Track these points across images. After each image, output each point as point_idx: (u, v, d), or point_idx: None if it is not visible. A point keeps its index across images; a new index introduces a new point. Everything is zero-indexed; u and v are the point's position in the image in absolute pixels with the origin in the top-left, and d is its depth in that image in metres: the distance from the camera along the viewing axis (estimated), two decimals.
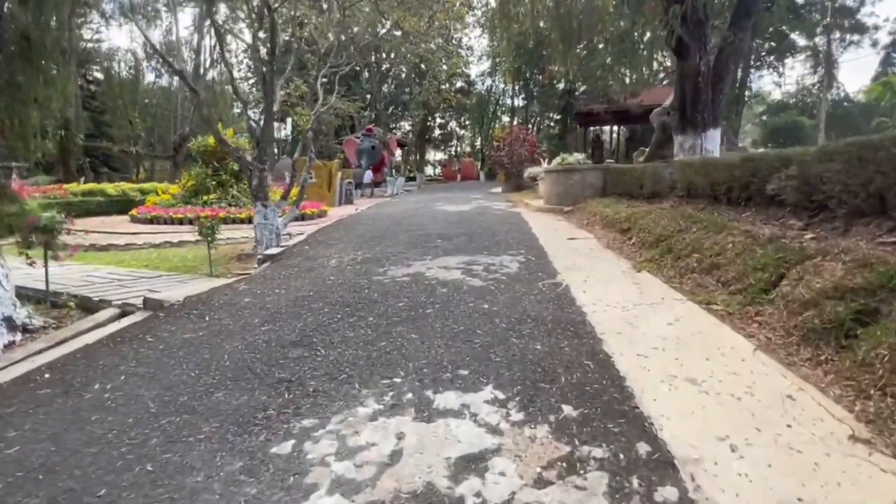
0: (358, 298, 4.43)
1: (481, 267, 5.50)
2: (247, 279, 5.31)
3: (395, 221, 9.41)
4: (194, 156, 14.04)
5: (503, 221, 9.16)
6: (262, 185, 8.56)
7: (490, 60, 38.44)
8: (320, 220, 13.54)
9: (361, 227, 8.74)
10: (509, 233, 7.81)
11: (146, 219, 12.28)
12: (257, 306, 4.30)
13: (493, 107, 43.17)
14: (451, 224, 8.88)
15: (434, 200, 14.77)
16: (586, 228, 8.00)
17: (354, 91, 32.26)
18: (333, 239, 7.68)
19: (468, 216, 10.08)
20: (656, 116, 9.80)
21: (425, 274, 5.24)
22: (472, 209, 11.57)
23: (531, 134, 20.09)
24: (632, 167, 8.70)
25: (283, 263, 6.10)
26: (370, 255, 6.29)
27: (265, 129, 8.66)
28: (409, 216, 10.28)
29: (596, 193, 9.88)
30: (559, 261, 5.75)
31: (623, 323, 3.65)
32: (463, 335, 3.48)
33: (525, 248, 6.55)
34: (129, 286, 5.75)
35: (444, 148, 49.29)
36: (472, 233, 7.81)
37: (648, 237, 5.98)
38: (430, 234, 7.76)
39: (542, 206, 10.90)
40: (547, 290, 4.58)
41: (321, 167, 18.35)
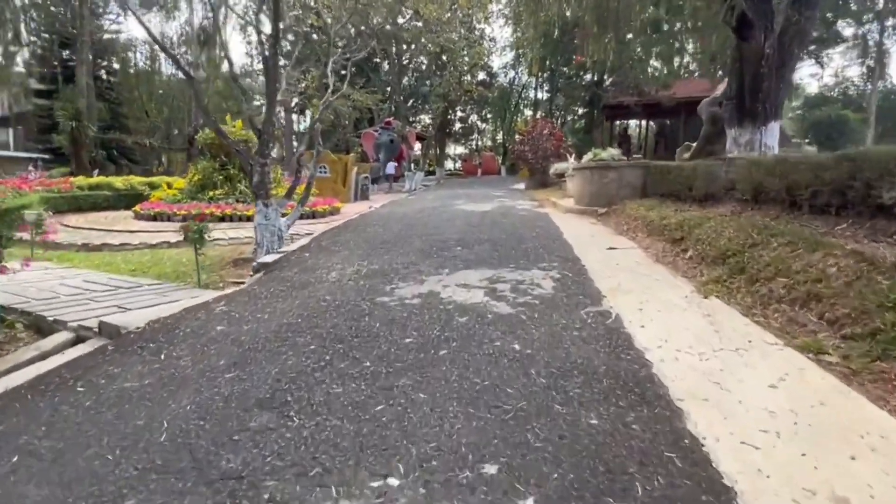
0: (355, 330, 3.54)
1: (508, 286, 4.56)
2: (227, 298, 4.47)
3: (409, 223, 8.51)
4: (201, 149, 13.35)
5: (530, 225, 8.19)
6: (264, 182, 7.76)
7: (513, 52, 37.23)
8: (332, 217, 12.76)
9: (372, 230, 7.86)
10: (538, 239, 6.84)
11: (149, 215, 11.64)
12: (229, 339, 3.44)
13: (515, 100, 41.93)
14: (471, 227, 7.95)
15: (453, 198, 13.83)
16: (627, 235, 6.98)
17: (374, 83, 31.43)
18: (339, 244, 6.83)
19: (491, 217, 9.13)
20: (706, 107, 8.68)
21: (440, 295, 4.32)
22: (494, 209, 10.60)
23: (557, 128, 18.95)
24: (679, 165, 7.63)
25: (276, 276, 5.25)
26: (377, 266, 5.40)
27: (267, 120, 7.85)
28: (425, 217, 9.37)
29: (634, 194, 8.82)
30: (602, 279, 4.77)
31: (706, 381, 2.69)
32: (488, 396, 2.56)
33: (558, 260, 5.58)
34: (100, 299, 4.97)
35: (465, 142, 48.31)
36: (495, 239, 6.86)
37: (710, 251, 4.96)
38: (447, 239, 6.84)
39: (573, 207, 9.87)
40: (593, 321, 3.63)
41: (336, 161, 17.59)
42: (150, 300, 4.96)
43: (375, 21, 30.13)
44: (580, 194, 9.93)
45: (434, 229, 7.74)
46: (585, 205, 9.54)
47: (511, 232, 7.45)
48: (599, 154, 10.61)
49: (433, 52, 24.96)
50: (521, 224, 8.24)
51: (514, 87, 41.84)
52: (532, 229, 7.70)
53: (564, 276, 4.88)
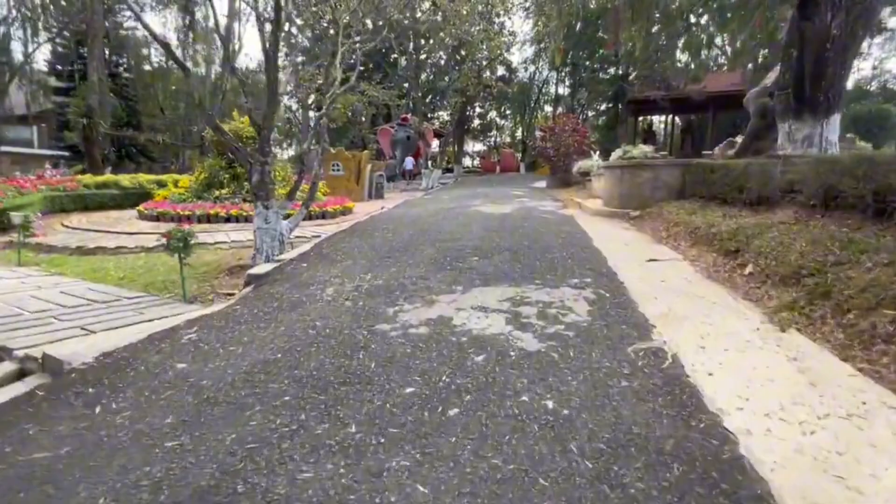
0: (344, 372, 2.83)
1: (534, 310, 3.80)
2: (202, 322, 3.80)
3: (422, 227, 7.79)
4: (208, 146, 12.83)
5: (555, 229, 7.39)
6: (264, 182, 7.12)
7: (533, 47, 36.22)
8: (343, 218, 12.14)
9: (380, 235, 7.16)
10: (566, 247, 6.05)
11: (152, 215, 11.15)
12: (187, 384, 2.77)
13: (535, 95, 40.89)
14: (490, 232, 7.19)
15: (471, 197, 13.07)
16: (667, 244, 6.14)
17: (391, 79, 30.81)
18: (342, 251, 6.14)
19: (511, 221, 8.35)
20: (753, 99, 7.76)
21: (453, 321, 3.59)
22: (515, 210, 9.81)
23: (581, 123, 18.00)
24: (725, 164, 6.75)
25: (266, 292, 4.57)
26: (381, 281, 4.69)
27: (268, 115, 7.20)
28: (440, 219, 8.63)
29: (671, 195, 7.95)
30: (647, 300, 3.98)
31: (823, 474, 1.90)
32: (516, 490, 1.83)
33: (591, 275, 4.80)
34: (67, 318, 4.37)
35: (484, 138, 47.47)
36: (517, 247, 6.09)
37: (777, 267, 4.12)
38: (463, 247, 6.09)
39: (601, 209, 9.03)
40: (645, 364, 2.86)
41: (349, 159, 16.98)
42: (121, 319, 4.33)
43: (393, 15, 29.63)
44: (609, 195, 9.08)
45: (448, 234, 7.00)
46: (616, 207, 8.69)
47: (534, 238, 6.67)
48: (630, 151, 9.75)
49: (451, 45, 24.12)
50: (544, 229, 7.45)
51: (535, 82, 40.81)
52: (557, 235, 6.90)
53: (601, 297, 4.10)
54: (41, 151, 37.46)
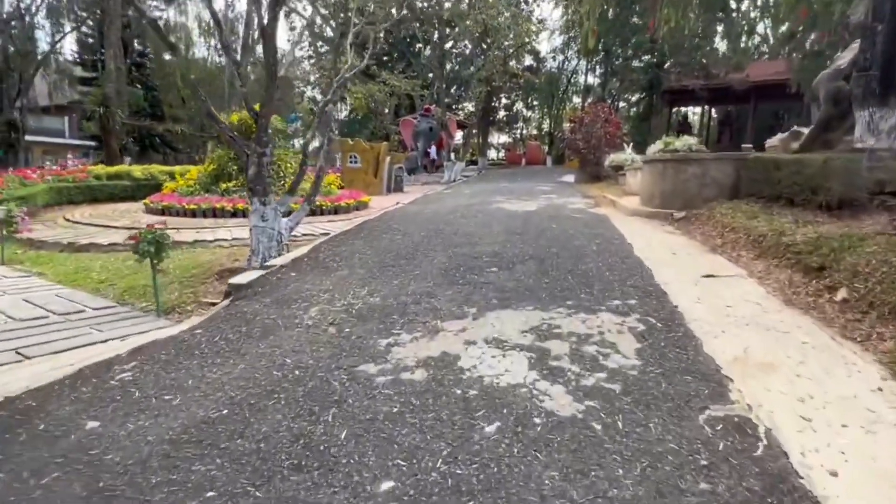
0: (303, 446, 2.03)
1: (566, 347, 2.94)
2: (146, 353, 3.06)
3: (436, 227, 6.96)
4: (218, 136, 12.26)
5: (588, 232, 6.46)
6: (261, 176, 6.40)
7: (562, 36, 34.78)
8: (357, 213, 11.41)
9: (388, 237, 6.36)
10: (601, 256, 5.14)
11: (158, 209, 10.63)
12: (85, 459, 2.01)
13: (564, 86, 39.41)
14: (512, 235, 6.31)
15: (494, 193, 12.16)
16: (724, 254, 5.16)
17: (414, 68, 29.95)
18: (342, 256, 5.36)
19: (537, 220, 7.45)
20: (825, 83, 6.64)
21: (460, 362, 2.76)
22: (541, 208, 8.88)
23: (615, 114, 16.84)
24: (797, 158, 5.69)
25: (240, 309, 3.82)
26: (378, 298, 3.89)
27: (266, 100, 6.47)
28: (457, 217, 7.79)
29: (722, 194, 6.92)
30: (712, 335, 3.08)
31: None
32: None
33: (636, 294, 3.90)
34: (4, 338, 3.71)
35: (509, 130, 46.26)
36: (543, 254, 5.20)
37: (887, 295, 3.15)
38: (480, 253, 5.25)
39: (639, 209, 8.03)
40: (729, 450, 1.98)
41: (367, 150, 16.24)
42: (68, 340, 3.65)
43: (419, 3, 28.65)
44: (649, 192, 8.07)
45: (465, 237, 6.15)
46: (656, 206, 7.69)
47: (564, 243, 5.77)
48: (672, 143, 8.69)
49: (478, 31, 23.06)
50: (575, 231, 6.53)
51: (563, 72, 39.30)
52: (591, 240, 5.98)
53: (651, 329, 3.21)
54: (71, 141, 38.03)
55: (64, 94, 27.34)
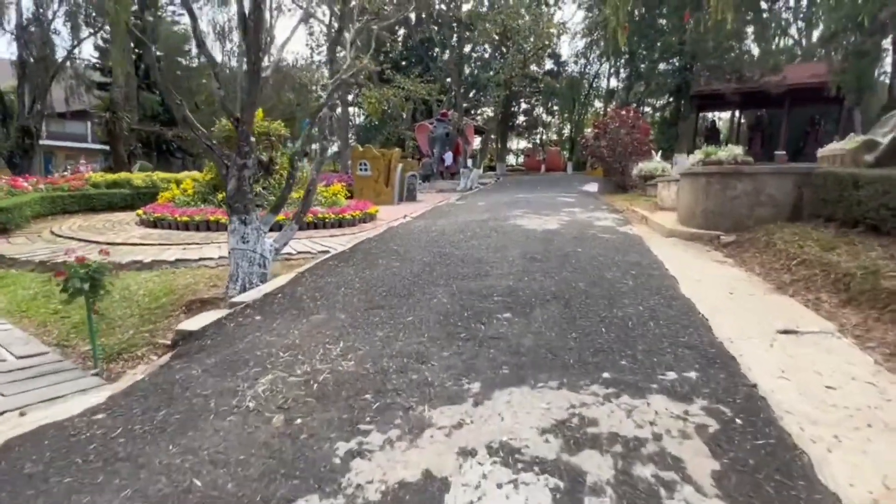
0: None
1: (608, 466, 1.97)
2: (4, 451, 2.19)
3: (441, 250, 6.03)
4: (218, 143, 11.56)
5: (621, 260, 5.46)
6: (241, 191, 5.60)
7: (584, 39, 33.70)
8: (363, 226, 10.59)
9: (384, 263, 5.45)
10: (642, 295, 4.15)
11: (150, 221, 9.94)
12: None
13: (585, 91, 38.25)
14: (530, 261, 5.36)
15: (511, 205, 11.20)
16: (796, 294, 4.12)
17: (432, 72, 29.18)
18: (324, 291, 4.46)
19: (560, 242, 6.47)
20: None
21: (451, 492, 1.83)
22: (563, 226, 7.89)
23: (643, 118, 15.72)
24: (885, 175, 4.62)
25: (169, 378, 2.92)
26: (352, 362, 2.96)
27: (247, 103, 5.68)
28: (467, 238, 6.86)
29: (779, 215, 5.87)
30: (827, 447, 2.08)
31: None
32: None
33: (695, 359, 2.92)
34: None
35: (529, 136, 45.25)
36: (569, 292, 4.24)
37: None
38: (491, 289, 4.31)
39: (677, 229, 6.98)
40: None
41: (378, 157, 15.42)
42: None
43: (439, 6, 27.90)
44: (689, 210, 7.03)
45: (474, 266, 5.21)
46: (698, 226, 6.65)
47: (593, 275, 4.79)
48: (715, 153, 7.65)
49: (496, 33, 22.15)
50: (606, 258, 5.53)
51: (585, 76, 38.16)
52: (625, 270, 4.99)
53: (728, 429, 2.22)
54: (94, 146, 38.27)
55: (81, 99, 27.29)
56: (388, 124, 27.11)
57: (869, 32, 19.88)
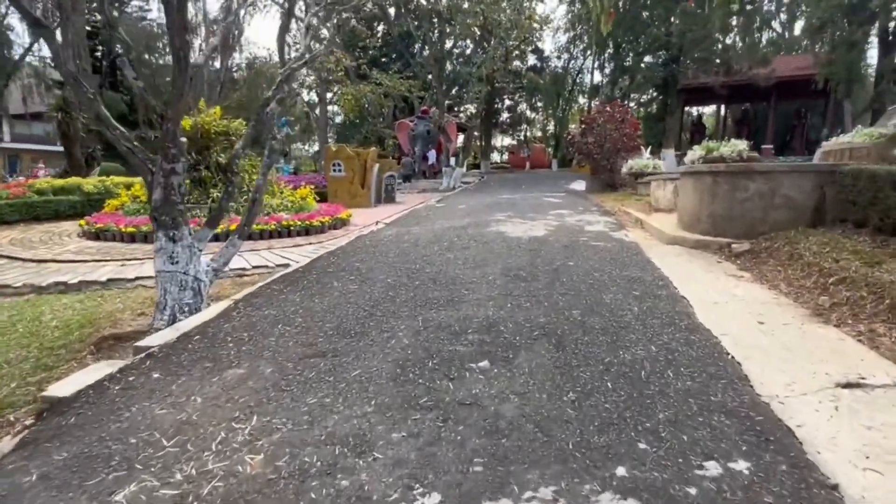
0: None
1: None
2: None
3: (411, 266, 5.16)
4: None
5: (620, 276, 4.64)
6: (170, 201, 4.69)
7: (567, 34, 32.99)
8: (334, 233, 9.70)
9: (341, 287, 4.55)
10: (650, 325, 3.33)
11: (92, 232, 8.90)
12: None
13: (569, 86, 37.58)
14: (514, 282, 4.51)
15: (494, 207, 10.37)
16: (842, 323, 3.32)
17: (412, 68, 28.22)
18: (256, 330, 3.55)
19: (548, 254, 5.64)
20: None
21: None
22: (551, 232, 7.07)
23: (631, 113, 14.98)
24: None
25: (18, 470, 2.03)
26: (264, 449, 2.08)
27: (173, 96, 4.75)
28: (443, 249, 5.99)
29: (800, 219, 5.11)
30: None
31: None
32: None
33: (740, 438, 2.09)
34: None
35: (513, 132, 44.54)
36: (561, 323, 3.40)
37: None
38: (465, 322, 3.45)
39: (679, 235, 6.19)
40: None
41: (352, 157, 14.49)
42: None
43: None
44: (692, 214, 6.24)
45: (447, 287, 4.36)
46: (703, 232, 5.87)
47: (589, 299, 3.96)
48: (717, 149, 6.90)
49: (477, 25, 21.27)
50: (602, 274, 4.71)
51: (569, 71, 37.48)
52: (627, 290, 4.17)
53: None
54: (59, 149, 36.60)
55: (39, 100, 25.84)
56: (366, 122, 26.08)
57: (858, 22, 19.46)
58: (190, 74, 4.95)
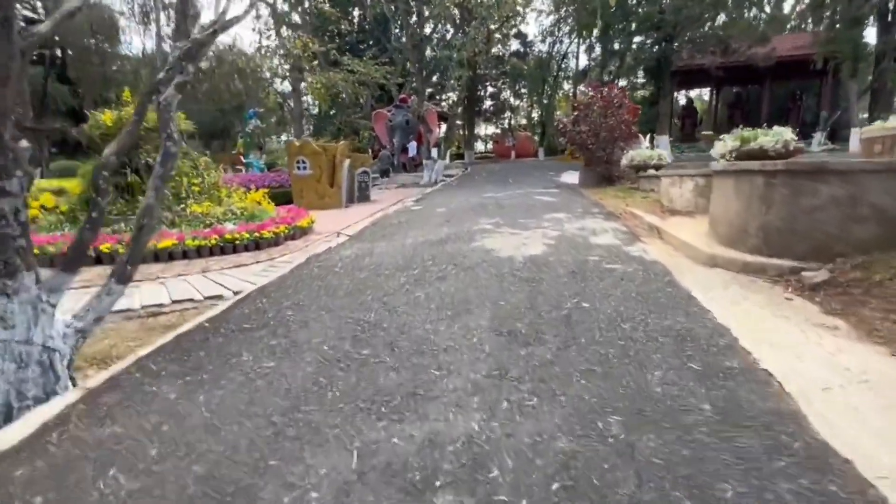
0: None
1: None
2: None
3: (363, 318, 3.67)
4: (89, 144, 8.85)
5: (661, 328, 3.22)
6: None
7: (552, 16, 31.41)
8: (291, 244, 8.25)
9: (245, 367, 3.01)
10: (752, 456, 1.91)
11: None
12: None
13: (555, 71, 36.10)
14: (509, 344, 3.07)
15: (479, 210, 8.90)
16: None
17: (390, 54, 26.43)
18: (58, 492, 2.07)
19: (551, 290, 4.19)
20: None
21: None
22: (551, 250, 5.61)
23: (628, 97, 13.55)
24: None
25: None
26: None
27: None
28: (411, 283, 4.51)
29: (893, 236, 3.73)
30: None
31: None
32: None
33: None
34: None
35: (497, 121, 43.03)
36: (599, 466, 1.97)
37: None
38: (433, 452, 2.00)
39: (718, 254, 4.77)
40: None
41: (318, 153, 12.88)
42: None
43: None
44: (734, 224, 4.83)
45: (410, 364, 2.89)
46: (753, 250, 4.47)
47: (631, 389, 2.54)
48: (753, 139, 5.50)
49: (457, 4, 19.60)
50: (636, 328, 3.28)
51: (554, 55, 35.96)
52: (680, 362, 2.75)
53: None
54: None
55: None
56: (340, 113, 24.29)
57: None
58: (26, 44, 3.37)
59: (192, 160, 9.34)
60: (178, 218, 8.22)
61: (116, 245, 7.07)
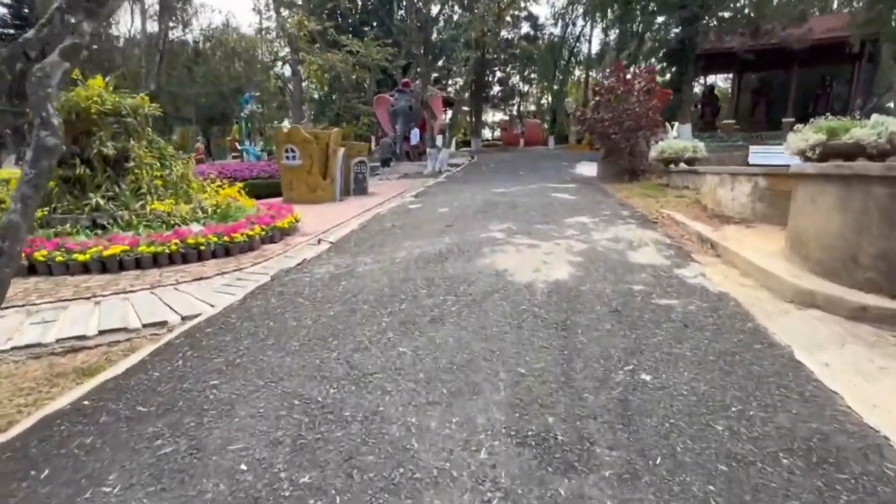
0: None
1: None
2: None
3: (318, 397, 2.49)
4: None
5: (778, 433, 2.03)
6: None
7: None
8: (269, 248, 7.09)
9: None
10: None
11: None
12: None
13: (567, 55, 34.39)
14: (538, 468, 1.88)
15: (487, 212, 7.64)
16: None
17: (394, 36, 24.92)
18: None
19: (592, 339, 2.98)
20: None
21: None
22: (581, 273, 4.38)
23: (657, 81, 12.12)
24: None
25: None
26: None
27: None
28: (395, 329, 3.31)
29: None
30: None
31: None
32: None
33: None
34: None
35: (505, 107, 41.39)
36: None
37: None
38: None
39: (815, 290, 3.53)
40: None
41: (309, 141, 11.62)
42: None
43: None
44: (835, 247, 3.57)
45: (380, 479, 1.73)
46: (867, 287, 3.22)
47: None
48: (846, 131, 4.23)
49: None
50: (738, 430, 2.10)
51: (566, 39, 34.21)
52: None
53: None
54: None
55: None
56: (340, 97, 22.92)
57: None
58: None
59: (159, 149, 8.13)
60: (135, 218, 7.04)
61: (55, 252, 5.90)
